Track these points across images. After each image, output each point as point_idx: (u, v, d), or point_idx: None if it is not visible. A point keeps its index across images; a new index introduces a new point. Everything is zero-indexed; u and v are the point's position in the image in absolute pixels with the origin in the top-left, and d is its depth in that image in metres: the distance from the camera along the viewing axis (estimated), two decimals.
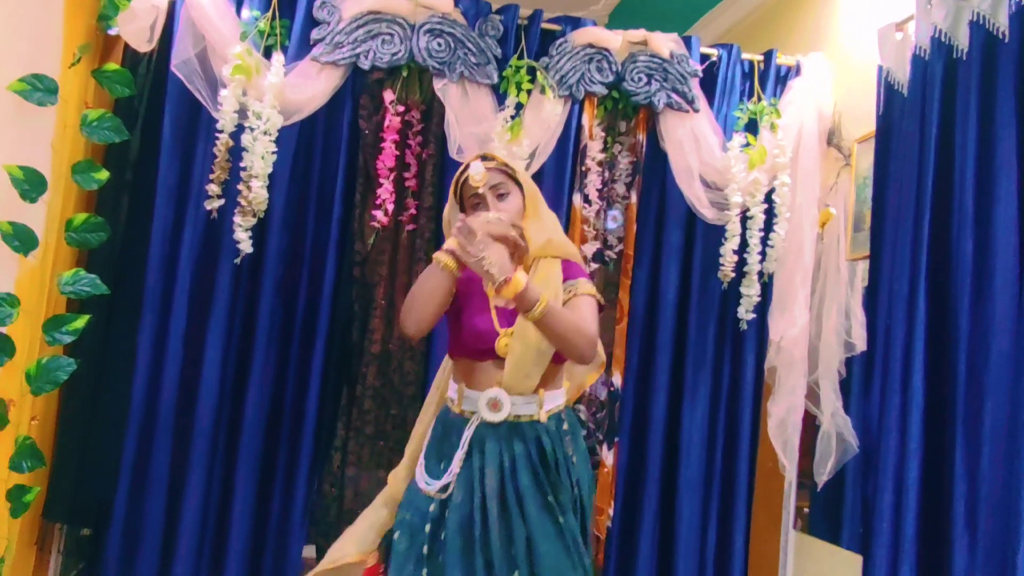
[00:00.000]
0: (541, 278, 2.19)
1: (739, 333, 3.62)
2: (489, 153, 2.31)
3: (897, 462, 2.73)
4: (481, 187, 2.20)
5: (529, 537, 2.09)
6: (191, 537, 3.18)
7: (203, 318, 3.22)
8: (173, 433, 3.20)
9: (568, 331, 2.08)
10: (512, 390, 2.14)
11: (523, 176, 2.30)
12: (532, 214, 2.25)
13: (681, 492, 3.53)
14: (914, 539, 2.67)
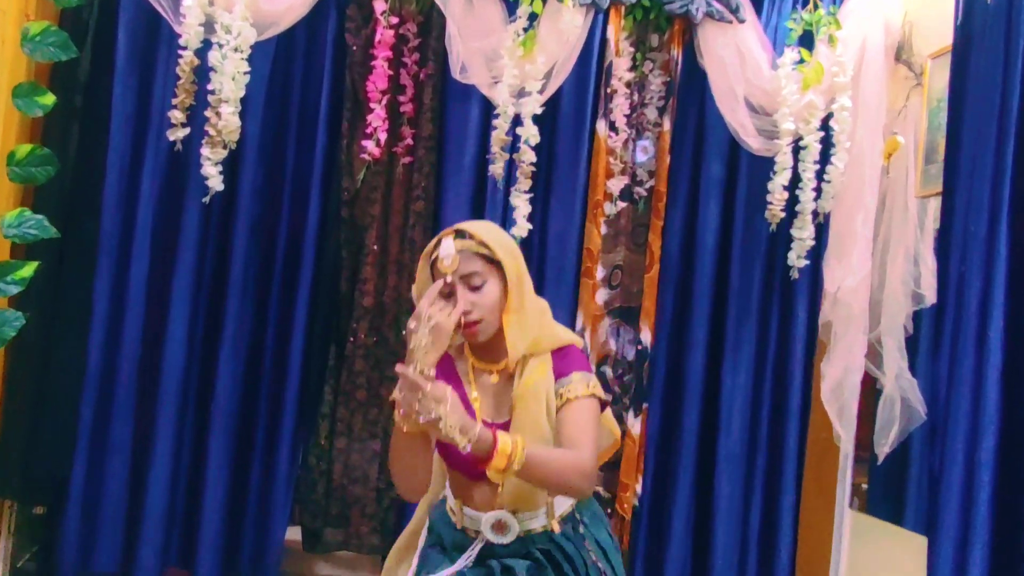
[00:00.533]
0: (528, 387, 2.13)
1: (789, 283, 3.60)
2: (466, 228, 2.13)
3: (969, 433, 2.73)
4: (450, 275, 2.08)
5: None
6: (158, 518, 3.24)
7: (168, 266, 3.24)
8: (136, 398, 3.25)
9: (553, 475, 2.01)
10: (518, 511, 2.13)
11: (505, 258, 2.12)
12: (515, 306, 2.10)
13: (720, 465, 3.55)
14: (987, 520, 2.67)
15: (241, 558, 3.36)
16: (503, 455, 1.90)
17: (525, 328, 2.12)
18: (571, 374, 2.13)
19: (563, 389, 2.11)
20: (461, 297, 2.06)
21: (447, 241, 2.10)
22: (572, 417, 2.09)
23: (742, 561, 3.59)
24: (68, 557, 3.22)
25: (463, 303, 2.05)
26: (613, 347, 3.64)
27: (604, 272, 3.61)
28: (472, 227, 2.14)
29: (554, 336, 2.18)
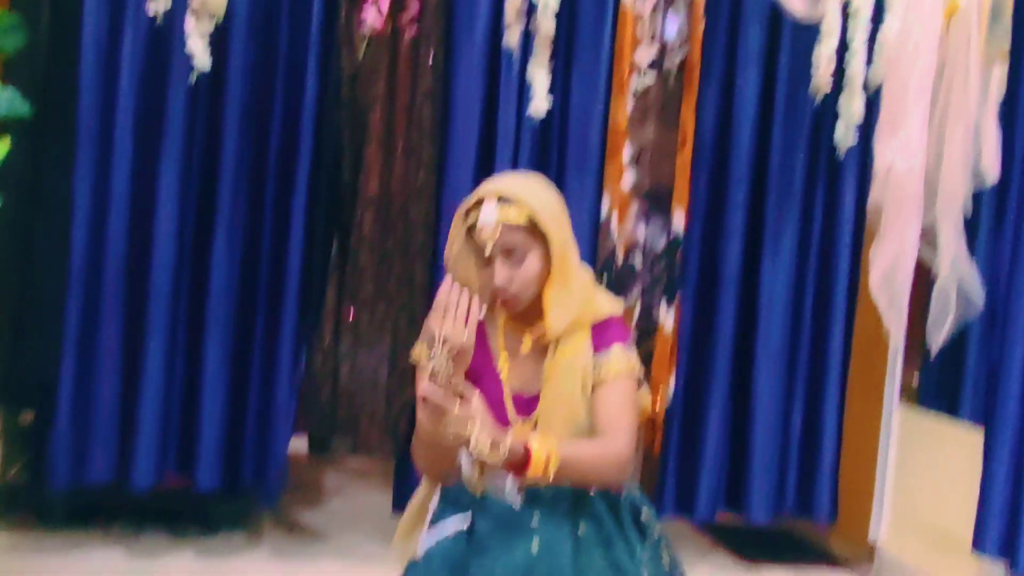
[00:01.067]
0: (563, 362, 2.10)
1: (836, 162, 3.57)
2: (510, 192, 2.02)
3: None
4: (489, 245, 2.02)
5: None
6: (153, 423, 3.27)
7: (153, 152, 3.21)
8: (124, 298, 3.25)
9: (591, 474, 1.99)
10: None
11: (553, 229, 2.03)
12: (558, 281, 2.04)
13: (759, 361, 3.57)
14: None
15: (243, 466, 3.40)
16: (538, 465, 1.90)
17: (568, 305, 2.07)
18: (611, 347, 2.09)
19: (603, 366, 2.08)
20: (498, 271, 2.01)
21: (489, 207, 2.00)
22: (608, 402, 2.06)
23: (782, 466, 3.64)
24: (59, 467, 3.25)
25: (500, 278, 2.01)
26: (642, 235, 3.63)
27: (632, 152, 3.57)
28: (517, 190, 2.03)
29: (597, 310, 2.14)
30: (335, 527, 3.81)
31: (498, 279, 2.01)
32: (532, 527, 1.95)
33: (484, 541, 1.98)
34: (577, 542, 1.97)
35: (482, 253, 2.04)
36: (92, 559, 3.27)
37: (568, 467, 1.95)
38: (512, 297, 2.05)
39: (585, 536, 1.99)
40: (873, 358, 3.76)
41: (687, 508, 3.61)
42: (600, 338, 2.13)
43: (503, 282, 2.01)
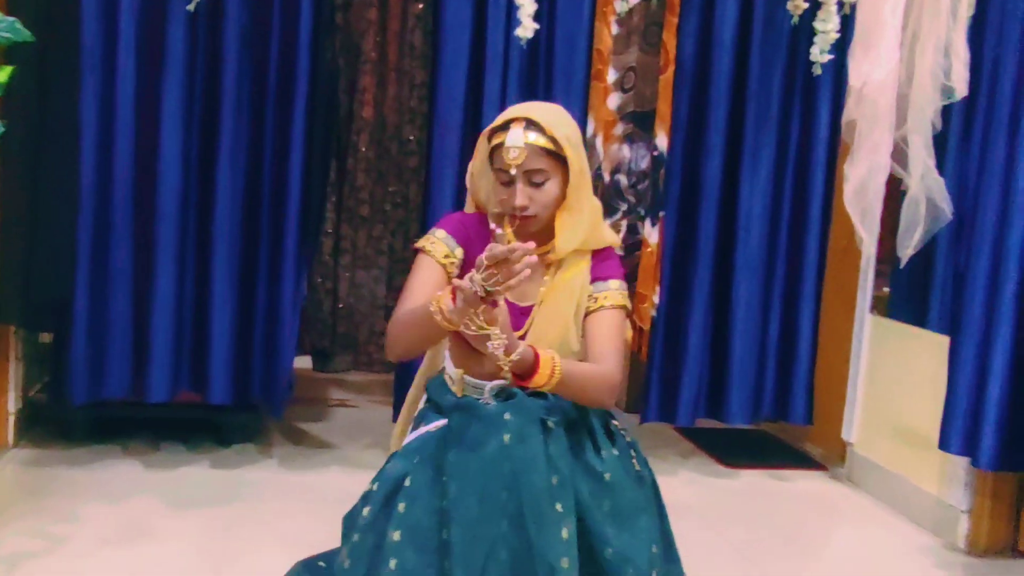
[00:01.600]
0: (563, 281, 2.14)
1: (811, 80, 3.59)
2: (538, 118, 2.06)
3: (996, 224, 2.78)
4: (514, 168, 2.05)
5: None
6: (165, 342, 3.33)
7: (156, 79, 3.22)
8: (133, 220, 3.28)
9: (581, 391, 2.05)
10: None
11: (572, 154, 2.08)
12: (572, 205, 2.11)
13: (738, 273, 3.63)
14: (1012, 314, 2.76)
15: (252, 380, 3.46)
16: (544, 375, 1.96)
17: (578, 229, 2.13)
18: (610, 280, 2.16)
19: (599, 294, 2.14)
20: (520, 192, 2.06)
21: (517, 131, 2.05)
22: (604, 328, 2.12)
23: (760, 371, 3.72)
24: (78, 385, 3.31)
25: (521, 198, 2.06)
26: (627, 154, 3.65)
27: (616, 75, 3.57)
28: (543, 116, 2.08)
29: (600, 238, 2.20)
30: (340, 438, 3.89)
31: (519, 199, 2.06)
32: (504, 420, 2.00)
33: (458, 435, 2.03)
34: (547, 434, 2.02)
35: (504, 173, 2.09)
36: (113, 471, 3.34)
37: (567, 381, 2.01)
38: (530, 217, 2.09)
39: (555, 431, 2.04)
40: (846, 269, 3.82)
41: (670, 414, 3.70)
42: (600, 268, 2.19)
43: (524, 202, 2.06)
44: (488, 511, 1.95)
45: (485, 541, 1.95)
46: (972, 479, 3.14)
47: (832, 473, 3.91)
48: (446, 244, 2.14)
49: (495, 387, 2.14)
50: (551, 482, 1.98)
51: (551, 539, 1.94)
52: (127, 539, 2.77)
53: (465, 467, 1.98)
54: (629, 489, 2.13)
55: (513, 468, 1.96)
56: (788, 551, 3.05)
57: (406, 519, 2.00)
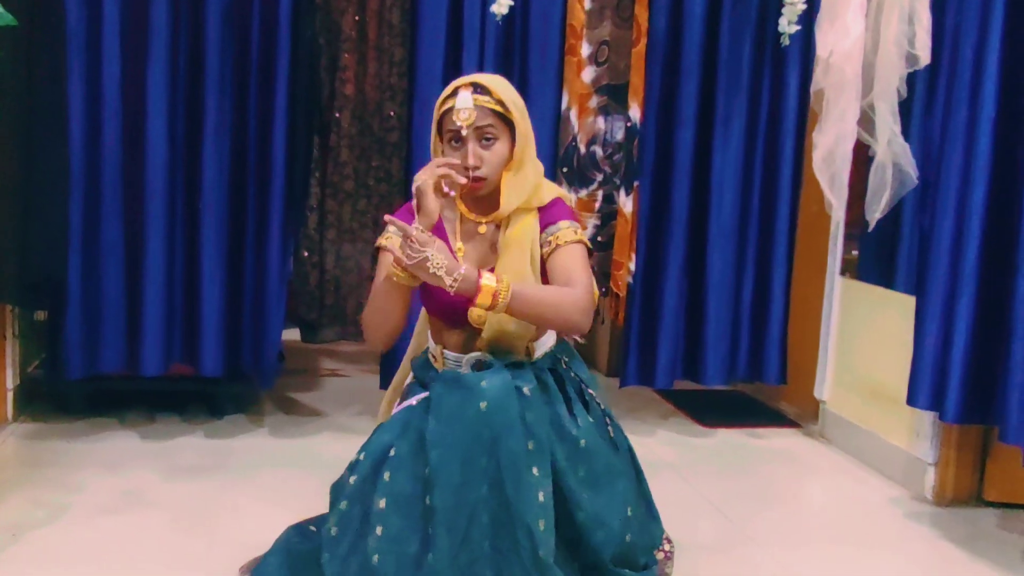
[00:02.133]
0: (514, 236, 2.15)
1: (780, 51, 3.59)
2: (484, 82, 2.16)
3: (960, 185, 2.78)
4: (464, 128, 2.11)
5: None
6: (158, 316, 3.32)
7: (141, 60, 3.20)
8: (123, 199, 3.28)
9: (547, 310, 2.07)
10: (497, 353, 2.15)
11: (518, 117, 2.17)
12: (516, 166, 2.18)
13: (712, 239, 3.64)
14: (975, 272, 2.77)
15: (242, 353, 3.46)
16: (488, 292, 1.99)
17: (522, 186, 2.19)
18: (559, 222, 2.20)
19: (552, 236, 2.18)
20: (471, 152, 2.11)
21: (465, 93, 2.12)
22: (564, 260, 2.16)
23: (734, 334, 3.73)
24: (74, 360, 3.32)
25: (472, 157, 2.11)
26: (602, 126, 3.64)
27: (590, 49, 3.56)
28: (489, 81, 2.17)
29: (543, 196, 2.24)
30: (330, 406, 3.90)
31: (471, 158, 2.10)
32: (482, 388, 2.02)
33: (438, 404, 2.05)
34: (523, 401, 2.04)
35: (454, 135, 2.12)
36: (110, 443, 3.35)
37: (523, 300, 2.02)
38: (481, 178, 2.11)
39: (531, 398, 2.06)
40: (817, 234, 3.83)
41: (648, 377, 3.71)
42: (547, 215, 2.22)
43: (475, 160, 2.09)
44: (469, 476, 1.97)
45: (467, 505, 1.97)
46: (938, 433, 3.17)
47: (806, 430, 3.94)
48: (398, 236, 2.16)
49: (471, 358, 2.18)
50: (527, 447, 2.00)
51: (529, 502, 1.96)
52: (125, 507, 2.78)
53: (446, 435, 2.00)
54: (604, 455, 2.15)
55: (492, 434, 1.98)
56: (762, 504, 3.08)
57: (391, 487, 2.02)
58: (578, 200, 3.65)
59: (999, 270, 2.70)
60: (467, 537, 1.95)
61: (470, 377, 2.07)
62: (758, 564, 2.61)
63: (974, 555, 2.73)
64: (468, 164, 2.11)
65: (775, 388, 4.14)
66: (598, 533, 2.10)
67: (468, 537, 1.95)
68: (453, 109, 2.12)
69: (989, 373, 2.72)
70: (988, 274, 2.72)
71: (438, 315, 2.25)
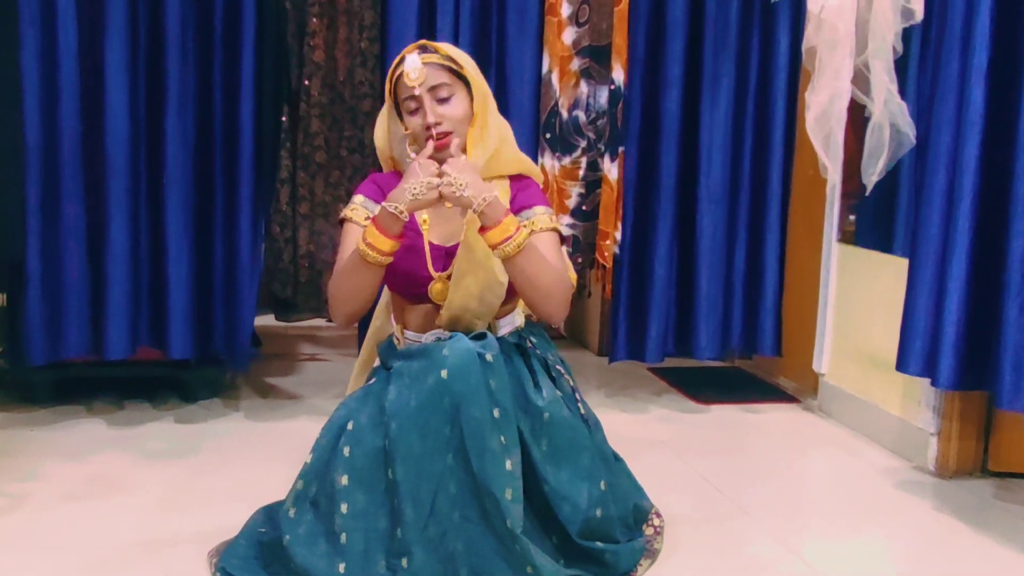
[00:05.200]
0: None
1: (769, 7, 3.61)
2: (429, 43, 2.24)
3: (951, 140, 2.80)
4: (417, 88, 2.15)
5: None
6: (122, 297, 3.33)
7: (98, 28, 3.20)
8: (83, 175, 3.28)
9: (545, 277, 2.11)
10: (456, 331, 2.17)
11: (471, 72, 2.23)
12: (479, 122, 2.23)
13: (702, 206, 3.66)
14: (968, 231, 2.78)
15: (213, 334, 3.47)
16: (507, 227, 2.04)
17: (488, 140, 2.23)
18: (534, 207, 2.25)
19: (528, 221, 2.21)
20: (429, 110, 2.15)
21: (411, 56, 2.17)
22: (542, 247, 2.18)
23: (727, 303, 3.76)
24: (36, 345, 3.31)
25: (431, 115, 2.15)
26: (584, 89, 3.65)
27: (570, 8, 3.57)
28: (434, 42, 2.24)
29: (515, 158, 2.30)
30: (309, 389, 3.92)
31: (429, 116, 2.14)
32: (443, 355, 2.03)
33: (397, 374, 2.08)
34: (487, 367, 2.05)
35: (411, 101, 2.15)
36: (76, 430, 3.36)
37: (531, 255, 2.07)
38: (446, 133, 2.14)
39: (495, 365, 2.07)
40: (811, 198, 3.85)
41: (638, 352, 3.74)
42: (522, 196, 2.26)
43: (435, 118, 2.12)
44: (431, 446, 2.00)
45: (431, 476, 1.99)
46: (940, 402, 3.19)
47: (804, 404, 3.97)
48: (365, 208, 2.24)
49: (431, 336, 2.20)
50: (492, 415, 2.02)
51: (494, 471, 1.98)
52: (90, 493, 2.79)
53: (404, 404, 2.02)
54: (567, 428, 2.17)
55: (452, 402, 2.00)
56: (757, 478, 3.10)
57: (352, 462, 2.05)
58: (561, 168, 3.66)
59: (993, 228, 2.71)
60: (434, 509, 1.98)
61: (431, 346, 2.09)
62: (753, 537, 2.63)
63: (978, 526, 2.75)
64: (428, 122, 2.14)
65: (772, 362, 4.17)
66: (564, 507, 2.13)
67: (436, 509, 1.98)
68: (403, 75, 2.17)
69: (983, 336, 2.72)
70: (981, 232, 2.74)
71: (399, 290, 2.28)
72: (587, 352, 4.88)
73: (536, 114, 3.56)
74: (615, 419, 3.60)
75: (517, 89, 3.51)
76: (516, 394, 2.12)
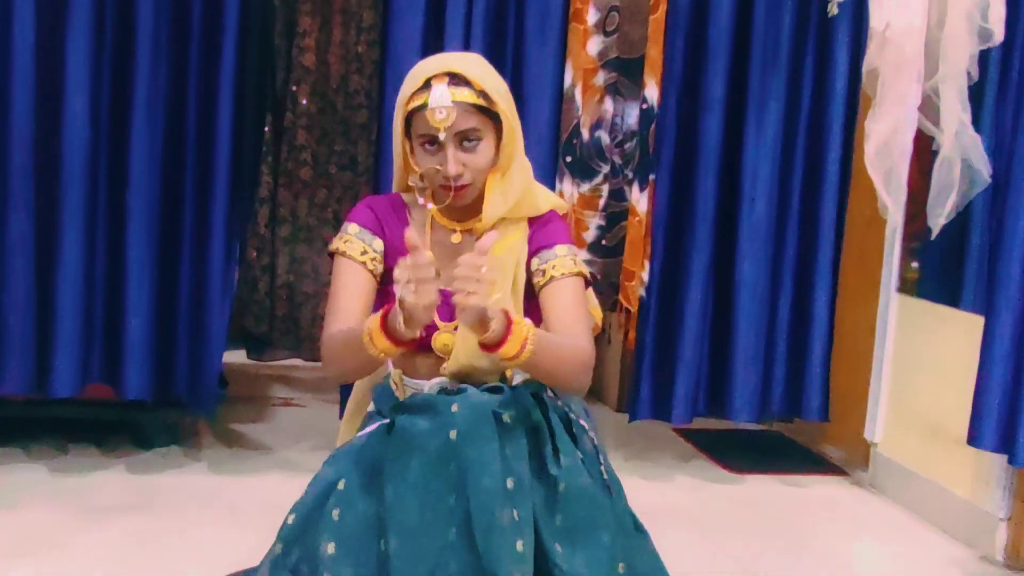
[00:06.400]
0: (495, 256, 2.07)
1: (827, 21, 3.61)
2: (462, 70, 2.08)
3: None
4: (443, 132, 2.06)
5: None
6: (73, 325, 3.31)
7: (59, 20, 3.21)
8: (35, 183, 3.27)
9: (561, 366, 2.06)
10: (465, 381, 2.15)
11: (505, 109, 2.12)
12: (503, 166, 2.15)
13: (742, 246, 3.64)
14: None
15: (175, 373, 3.46)
16: (517, 340, 1.94)
17: (509, 192, 2.16)
18: (554, 247, 2.18)
19: (547, 265, 2.16)
20: (452, 160, 2.06)
21: (440, 88, 2.06)
22: (562, 300, 2.14)
23: (767, 358, 3.74)
24: None
25: (454, 166, 2.06)
26: (610, 108, 3.65)
27: (598, 15, 3.58)
28: (468, 69, 2.10)
29: (534, 203, 2.22)
30: (282, 439, 3.91)
31: (453, 167, 2.06)
32: (452, 413, 1.99)
33: (399, 431, 2.03)
34: (503, 430, 2.01)
35: (428, 139, 2.09)
36: (12, 477, 3.33)
37: (542, 351, 2.00)
38: (464, 187, 2.10)
39: (512, 426, 2.03)
40: (868, 241, 3.84)
41: (664, 410, 3.71)
42: (541, 234, 2.21)
43: (457, 168, 2.06)
44: (432, 519, 1.96)
45: (429, 553, 1.95)
46: (1012, 482, 3.17)
47: (853, 478, 3.94)
48: (360, 240, 2.17)
49: (435, 386, 2.16)
50: (505, 485, 1.98)
51: (502, 551, 1.94)
52: (27, 552, 2.76)
53: (404, 468, 1.98)
54: (587, 501, 2.12)
55: (460, 468, 1.96)
56: (799, 566, 3.08)
57: (340, 528, 2.01)
58: (580, 196, 3.65)
59: None
60: None
61: (438, 399, 2.05)
62: None
63: None
64: (449, 174, 2.09)
65: (818, 428, 4.13)
66: None
67: None
68: (425, 108, 2.06)
69: None
70: None
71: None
72: (604, 407, 4.86)
73: (556, 134, 3.55)
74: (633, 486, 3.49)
75: (536, 105, 3.50)
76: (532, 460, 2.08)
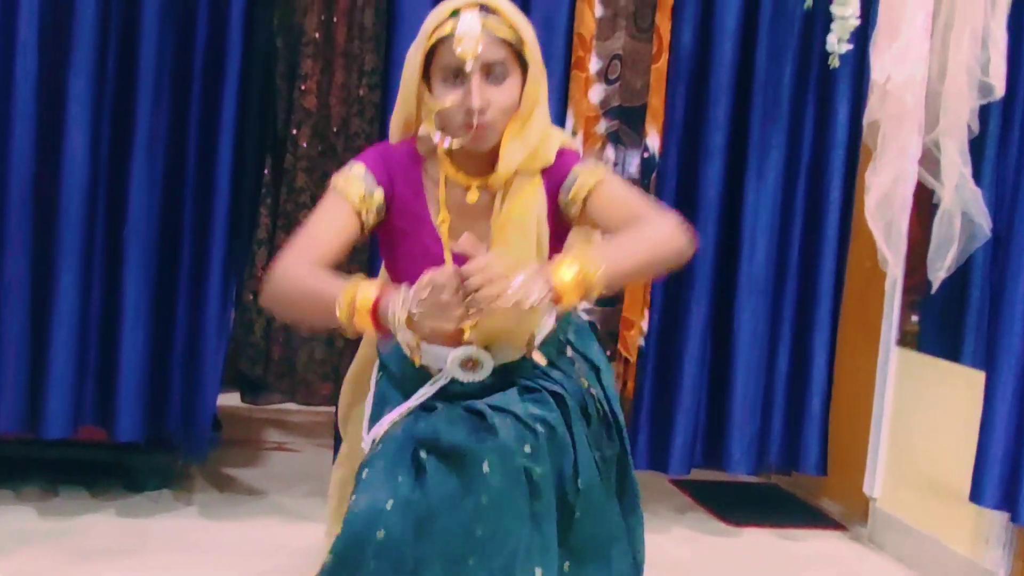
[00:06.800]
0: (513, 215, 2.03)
1: (828, 73, 3.63)
2: (494, 4, 1.97)
3: None
4: (470, 61, 1.93)
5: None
6: (66, 366, 3.31)
7: (61, 59, 3.22)
8: (31, 223, 3.28)
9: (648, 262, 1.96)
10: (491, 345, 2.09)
11: (534, 48, 2.01)
12: (525, 111, 2.01)
13: (741, 296, 3.65)
14: None
15: (169, 415, 3.45)
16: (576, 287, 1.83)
17: (528, 138, 2.04)
18: (570, 172, 2.07)
19: (572, 194, 2.05)
20: (477, 92, 1.93)
21: (470, 16, 1.94)
22: (609, 199, 2.03)
23: (766, 410, 3.74)
24: None
25: (478, 98, 1.93)
26: (611, 155, 3.68)
27: (600, 63, 3.61)
28: (499, 2, 1.99)
29: (547, 155, 2.08)
30: (275, 484, 3.88)
31: (476, 99, 1.91)
32: (484, 474, 1.94)
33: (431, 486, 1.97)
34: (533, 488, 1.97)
35: (451, 72, 1.95)
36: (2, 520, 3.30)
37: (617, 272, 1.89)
38: (486, 124, 1.96)
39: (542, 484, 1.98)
40: (868, 294, 3.84)
41: (660, 461, 3.70)
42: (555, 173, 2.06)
43: (482, 101, 1.92)
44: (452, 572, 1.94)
45: None
46: (1012, 540, 3.16)
47: (852, 533, 3.93)
48: (364, 183, 2.02)
49: (458, 358, 2.05)
50: (529, 545, 1.96)
51: None
52: None
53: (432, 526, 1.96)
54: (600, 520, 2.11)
55: (484, 533, 1.94)
56: None
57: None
58: None
59: None
60: None
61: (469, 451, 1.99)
62: None
63: None
64: (473, 105, 1.93)
65: (816, 482, 4.12)
66: None
67: None
68: (451, 37, 1.93)
69: None
70: None
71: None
72: None
73: None
74: None
75: None
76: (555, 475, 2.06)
